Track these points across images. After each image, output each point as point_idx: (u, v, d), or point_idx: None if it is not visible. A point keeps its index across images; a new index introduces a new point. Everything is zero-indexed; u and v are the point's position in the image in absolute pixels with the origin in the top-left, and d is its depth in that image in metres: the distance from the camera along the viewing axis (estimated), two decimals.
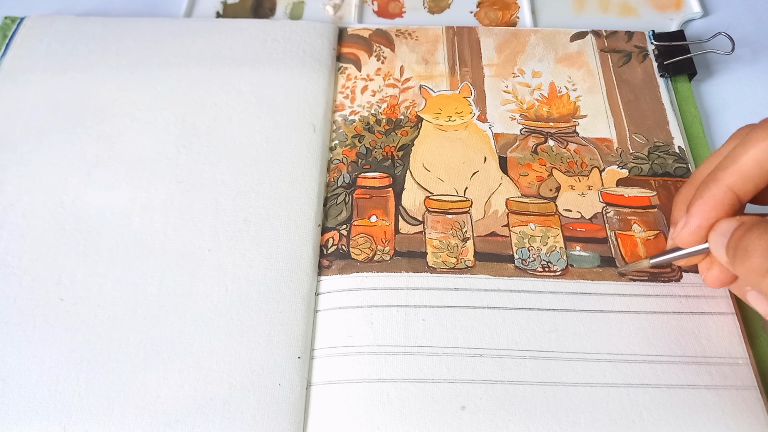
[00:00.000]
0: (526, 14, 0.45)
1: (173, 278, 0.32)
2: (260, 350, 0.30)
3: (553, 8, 0.45)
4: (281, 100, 0.38)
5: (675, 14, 0.45)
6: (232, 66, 0.40)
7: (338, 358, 0.30)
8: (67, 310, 0.31)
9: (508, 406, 0.28)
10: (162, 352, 0.30)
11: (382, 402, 0.28)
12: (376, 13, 0.45)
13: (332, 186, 0.36)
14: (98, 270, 0.32)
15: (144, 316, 0.31)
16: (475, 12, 0.45)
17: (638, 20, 0.44)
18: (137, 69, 0.40)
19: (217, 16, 0.45)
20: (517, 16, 0.45)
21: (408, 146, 0.37)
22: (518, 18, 0.45)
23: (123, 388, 0.28)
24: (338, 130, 0.38)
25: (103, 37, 0.41)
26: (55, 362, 0.29)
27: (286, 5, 0.45)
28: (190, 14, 0.45)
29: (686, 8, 0.45)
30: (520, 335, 0.30)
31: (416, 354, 0.29)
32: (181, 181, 0.35)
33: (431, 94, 0.39)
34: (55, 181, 0.35)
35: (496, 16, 0.45)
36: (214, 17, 0.45)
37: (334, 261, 0.33)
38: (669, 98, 0.39)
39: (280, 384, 0.29)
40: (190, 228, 0.33)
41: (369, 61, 0.41)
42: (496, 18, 0.44)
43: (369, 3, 0.46)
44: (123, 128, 0.37)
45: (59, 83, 0.39)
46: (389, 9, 0.45)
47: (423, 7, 0.45)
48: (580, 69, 0.40)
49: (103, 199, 0.34)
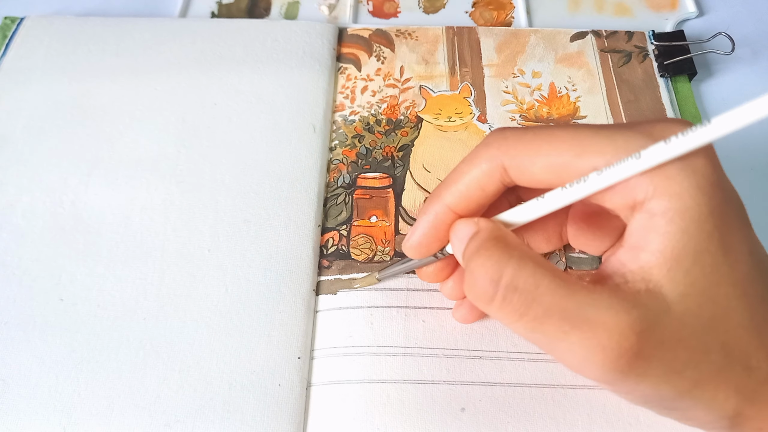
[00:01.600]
0: (521, 14, 0.45)
1: (173, 278, 0.32)
2: (260, 350, 0.30)
3: (548, 8, 0.45)
4: (281, 100, 0.38)
5: (670, 14, 0.45)
6: (232, 66, 0.40)
7: (338, 359, 0.30)
8: (67, 310, 0.31)
9: (507, 408, 0.28)
10: (162, 352, 0.30)
11: (381, 403, 0.28)
12: (371, 13, 0.45)
13: (332, 186, 0.36)
14: (98, 270, 0.32)
15: (144, 317, 0.31)
16: (470, 12, 0.45)
17: (633, 20, 0.44)
18: (137, 69, 0.40)
19: (212, 16, 0.45)
20: (512, 16, 0.45)
21: (408, 147, 0.37)
22: (513, 18, 0.45)
23: (123, 388, 0.29)
24: (338, 131, 0.38)
25: (103, 38, 0.41)
26: (55, 362, 0.29)
27: (281, 5, 0.45)
28: (185, 14, 0.45)
29: (681, 8, 0.45)
30: (519, 337, 0.30)
31: (416, 355, 0.30)
32: (181, 181, 0.35)
33: (431, 94, 0.39)
34: (55, 181, 0.35)
35: (491, 15, 0.44)
36: (209, 17, 0.45)
37: (334, 261, 0.33)
38: (669, 98, 0.39)
39: (280, 384, 0.29)
40: (190, 228, 0.33)
41: (369, 62, 0.41)
42: (491, 18, 0.44)
43: (364, 3, 0.46)
44: (123, 128, 0.37)
45: (59, 83, 0.39)
46: (384, 9, 0.45)
47: (418, 7, 0.45)
48: (580, 69, 0.40)
49: (103, 199, 0.34)
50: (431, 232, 0.25)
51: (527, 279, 0.20)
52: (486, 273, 0.21)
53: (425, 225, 0.25)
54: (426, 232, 0.25)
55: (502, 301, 0.20)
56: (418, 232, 0.25)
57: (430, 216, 0.24)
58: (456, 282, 0.28)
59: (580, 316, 0.19)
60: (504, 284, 0.20)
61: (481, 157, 0.23)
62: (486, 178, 0.23)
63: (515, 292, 0.20)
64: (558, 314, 0.20)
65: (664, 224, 0.19)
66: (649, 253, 0.19)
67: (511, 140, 0.22)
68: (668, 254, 0.19)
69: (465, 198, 0.23)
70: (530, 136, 0.22)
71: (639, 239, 0.20)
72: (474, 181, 0.23)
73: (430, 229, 0.25)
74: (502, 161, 0.22)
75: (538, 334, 0.20)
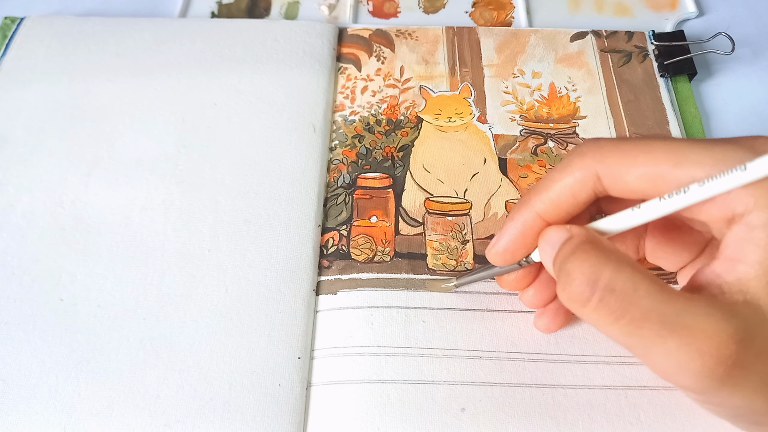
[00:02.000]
0: (521, 14, 0.45)
1: (173, 278, 0.32)
2: (260, 350, 0.30)
3: (548, 8, 0.45)
4: (281, 100, 0.38)
5: (670, 14, 0.45)
6: (232, 66, 0.40)
7: (338, 359, 0.30)
8: (67, 310, 0.31)
9: (507, 408, 0.28)
10: (162, 352, 0.30)
11: (382, 403, 0.28)
12: (371, 13, 0.45)
13: (332, 186, 0.36)
14: (98, 270, 0.32)
15: (144, 317, 0.31)
16: (470, 12, 0.45)
17: (633, 20, 0.44)
18: (137, 69, 0.40)
19: (213, 16, 0.45)
20: (512, 16, 0.45)
21: (408, 147, 0.37)
22: (513, 18, 0.45)
23: (123, 389, 0.29)
24: (338, 131, 0.38)
25: (103, 38, 0.41)
26: (55, 362, 0.29)
27: (281, 5, 0.45)
28: (185, 14, 0.45)
29: (681, 8, 0.45)
30: (519, 338, 0.30)
31: (416, 355, 0.29)
32: (180, 181, 0.35)
33: (431, 94, 0.39)
34: (55, 181, 0.35)
35: (491, 15, 0.45)
36: (209, 17, 0.45)
37: (334, 261, 0.33)
38: (669, 98, 0.39)
39: (280, 384, 0.29)
40: (190, 228, 0.33)
41: (369, 62, 0.41)
42: (491, 18, 0.44)
43: (364, 3, 0.46)
44: (123, 128, 0.37)
45: (59, 83, 0.39)
46: (384, 9, 0.45)
47: (418, 7, 0.45)
48: (580, 69, 0.40)
49: (103, 199, 0.34)
50: (519, 238, 0.25)
51: (626, 281, 0.20)
52: (583, 273, 0.21)
53: (513, 231, 0.25)
54: (513, 238, 0.25)
55: (599, 302, 0.20)
56: (505, 239, 0.25)
57: (518, 222, 0.24)
58: (537, 290, 0.28)
59: (679, 322, 0.19)
60: (602, 285, 0.20)
61: (575, 165, 0.23)
62: (579, 186, 0.23)
63: (613, 293, 0.20)
64: (656, 318, 0.19)
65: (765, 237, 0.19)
66: (747, 265, 0.20)
67: (606, 149, 0.22)
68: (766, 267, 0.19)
69: (555, 206, 0.23)
70: (627, 146, 0.22)
71: (736, 251, 0.20)
72: (566, 189, 0.23)
73: (518, 235, 0.24)
74: (597, 170, 0.22)
75: (634, 337, 0.20)
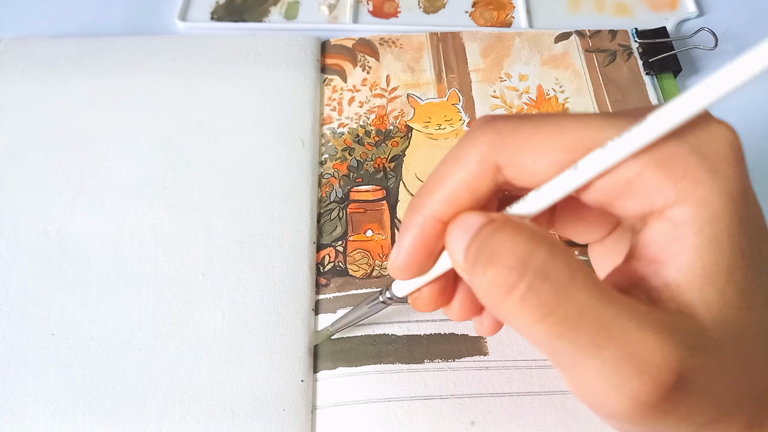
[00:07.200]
0: (521, 14, 0.44)
1: (167, 306, 0.31)
2: (262, 375, 0.29)
3: (549, 8, 0.45)
4: (267, 115, 0.38)
5: (670, 14, 0.45)
6: (215, 83, 0.39)
7: (342, 379, 0.29)
8: (59, 345, 0.30)
9: (517, 419, 0.28)
10: (161, 383, 0.29)
11: (390, 422, 0.28)
12: (371, 13, 0.45)
13: (325, 201, 0.35)
14: (89, 301, 0.31)
15: (140, 347, 0.30)
16: (470, 12, 0.45)
17: (633, 20, 0.44)
18: (117, 90, 0.39)
19: (212, 17, 0.44)
20: (512, 16, 0.44)
21: (399, 157, 0.37)
22: (513, 18, 0.44)
23: (123, 424, 0.28)
24: (327, 144, 0.37)
25: (80, 59, 0.40)
26: (50, 400, 0.28)
27: (282, 5, 0.45)
28: (184, 16, 0.44)
29: (681, 8, 0.45)
30: (524, 345, 0.30)
31: (421, 370, 0.29)
32: (169, 204, 0.34)
33: (419, 102, 0.39)
34: (39, 210, 0.34)
35: (491, 15, 0.44)
36: (209, 18, 0.44)
37: (332, 279, 0.32)
38: (656, 96, 0.39)
39: (284, 409, 0.28)
40: (182, 252, 0.33)
41: (354, 72, 0.40)
42: (491, 18, 0.44)
43: (364, 3, 0.45)
44: (106, 152, 0.36)
45: (37, 108, 0.38)
46: (384, 9, 0.45)
47: (418, 7, 0.45)
48: (566, 70, 0.40)
49: (90, 227, 0.33)
50: (420, 248, 0.20)
51: (561, 268, 0.16)
52: (513, 251, 0.16)
53: (409, 242, 0.20)
54: (412, 250, 0.20)
55: (527, 290, 0.16)
56: (403, 252, 0.21)
57: (414, 231, 0.20)
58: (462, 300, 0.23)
59: (618, 329, 0.16)
60: (534, 269, 0.16)
61: (468, 156, 0.19)
62: (476, 180, 0.19)
63: (546, 281, 0.16)
64: (593, 320, 0.16)
65: (691, 235, 0.16)
66: (675, 270, 0.17)
67: (505, 133, 0.18)
68: (698, 271, 0.16)
69: (452, 205, 0.19)
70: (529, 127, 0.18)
71: (660, 252, 0.17)
72: (461, 185, 0.19)
73: (416, 245, 0.20)
74: (496, 159, 0.18)
75: (562, 342, 0.16)
